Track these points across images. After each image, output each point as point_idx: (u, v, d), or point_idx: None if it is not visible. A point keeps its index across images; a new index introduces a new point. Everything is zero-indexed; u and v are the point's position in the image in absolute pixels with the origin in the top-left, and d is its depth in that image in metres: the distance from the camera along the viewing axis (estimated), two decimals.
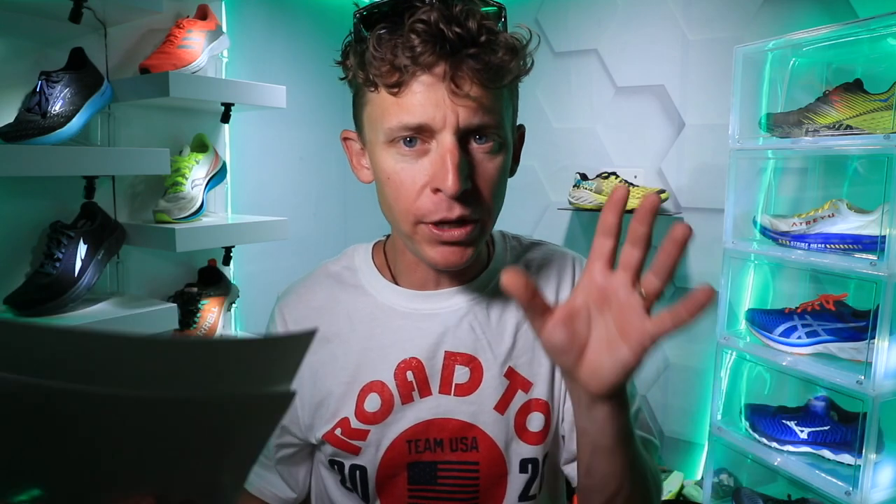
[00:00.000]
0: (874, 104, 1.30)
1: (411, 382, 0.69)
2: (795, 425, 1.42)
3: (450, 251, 0.62)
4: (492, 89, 0.58)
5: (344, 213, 2.23)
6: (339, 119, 2.13)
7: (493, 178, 0.62)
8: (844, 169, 1.50)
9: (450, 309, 0.71)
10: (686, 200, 1.82)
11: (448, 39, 0.55)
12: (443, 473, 0.69)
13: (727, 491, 1.61)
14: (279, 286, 0.86)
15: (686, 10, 1.77)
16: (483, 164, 0.61)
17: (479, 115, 0.58)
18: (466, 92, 0.57)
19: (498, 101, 0.60)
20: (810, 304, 1.43)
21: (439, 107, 0.57)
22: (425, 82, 0.57)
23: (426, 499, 0.69)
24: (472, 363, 0.69)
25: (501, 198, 0.65)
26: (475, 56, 0.56)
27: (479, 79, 0.57)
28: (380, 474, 0.70)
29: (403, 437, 0.69)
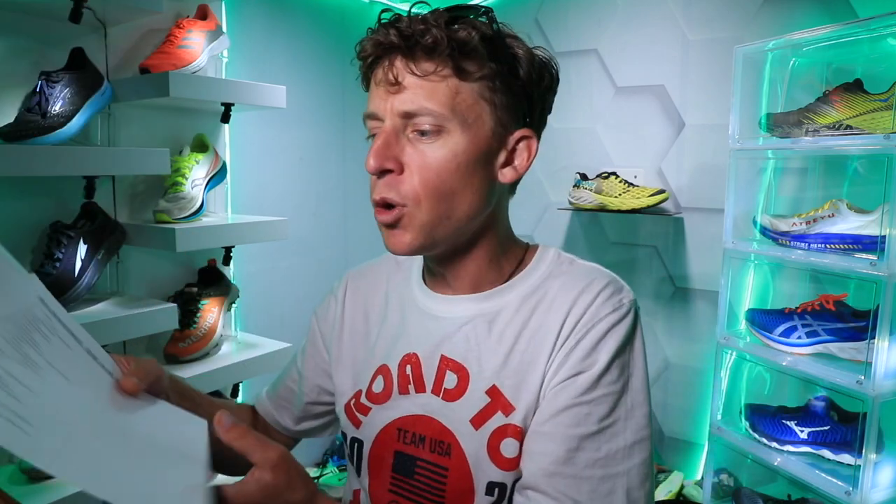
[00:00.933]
0: (874, 104, 1.30)
1: (408, 376, 0.72)
2: (795, 425, 1.42)
3: (388, 234, 0.67)
4: (422, 77, 0.62)
5: (344, 213, 2.23)
6: (339, 119, 2.13)
7: (425, 164, 0.63)
8: (844, 169, 1.50)
9: (453, 315, 0.72)
10: (686, 200, 1.82)
11: (387, 40, 0.62)
12: (419, 470, 0.70)
13: (727, 491, 1.61)
14: (279, 286, 0.86)
15: (686, 10, 1.77)
16: (415, 151, 0.63)
17: (410, 102, 0.62)
18: (400, 81, 0.62)
19: (438, 90, 0.62)
20: (810, 304, 1.43)
21: (382, 98, 0.64)
22: (376, 78, 0.65)
23: (403, 489, 0.71)
24: (461, 372, 0.69)
25: (443, 189, 0.64)
26: (406, 48, 0.62)
27: (409, 68, 0.62)
28: (372, 453, 0.73)
29: (395, 424, 0.72)
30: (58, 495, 1.10)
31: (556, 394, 0.64)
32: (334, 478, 2.07)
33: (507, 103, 0.65)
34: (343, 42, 2.18)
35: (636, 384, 0.66)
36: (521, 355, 0.67)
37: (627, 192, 1.75)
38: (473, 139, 0.64)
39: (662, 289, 1.90)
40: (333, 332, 0.83)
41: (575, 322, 0.66)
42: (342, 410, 0.78)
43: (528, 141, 0.69)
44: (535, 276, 0.72)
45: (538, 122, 0.72)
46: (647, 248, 1.92)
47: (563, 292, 0.69)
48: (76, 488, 1.10)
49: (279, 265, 1.95)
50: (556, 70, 0.71)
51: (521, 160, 0.69)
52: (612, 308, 0.66)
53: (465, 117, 0.63)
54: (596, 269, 0.72)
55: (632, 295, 0.69)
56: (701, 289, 1.82)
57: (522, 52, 0.66)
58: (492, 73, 0.63)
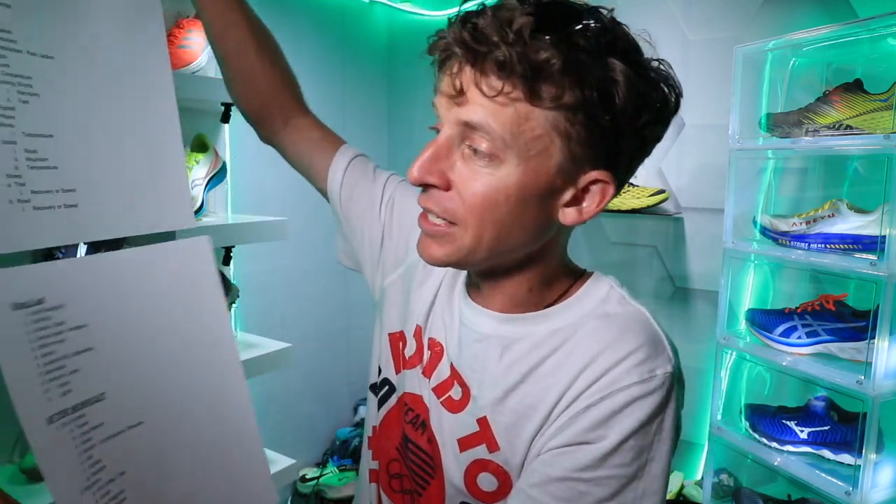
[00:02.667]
0: (874, 104, 1.30)
1: (425, 356, 0.70)
2: (795, 425, 1.42)
3: (423, 241, 0.61)
4: (487, 96, 0.53)
5: None
6: (339, 119, 2.13)
7: (473, 188, 0.56)
8: (844, 169, 1.50)
9: (472, 325, 0.66)
10: (686, 200, 1.82)
11: (456, 44, 0.54)
12: (412, 455, 0.69)
13: (727, 491, 1.61)
14: (279, 286, 0.86)
15: (686, 10, 1.77)
16: (466, 169, 0.56)
17: (473, 114, 0.54)
18: (464, 92, 0.55)
19: (503, 114, 0.53)
20: (810, 304, 1.43)
21: (445, 107, 0.57)
22: (442, 81, 0.57)
23: (401, 461, 0.71)
24: (464, 389, 0.65)
25: (488, 219, 0.56)
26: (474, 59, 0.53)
27: (475, 80, 0.54)
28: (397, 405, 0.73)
29: (406, 397, 0.71)
30: None
31: (554, 458, 0.56)
32: (334, 478, 2.07)
33: (585, 138, 0.54)
34: (343, 42, 2.18)
35: (655, 470, 0.55)
36: (523, 397, 0.60)
37: (627, 192, 1.75)
38: (530, 174, 0.55)
39: (662, 289, 1.90)
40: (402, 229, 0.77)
41: (589, 382, 0.56)
42: (386, 339, 0.76)
43: (604, 186, 0.57)
44: (573, 311, 0.62)
45: (626, 164, 0.59)
46: (647, 248, 1.92)
47: (588, 340, 0.59)
48: None
49: (279, 265, 1.95)
50: (672, 98, 0.57)
51: (591, 205, 0.58)
52: (638, 377, 0.55)
53: (527, 148, 0.54)
54: (637, 321, 0.60)
55: (670, 365, 0.56)
56: (701, 289, 1.82)
57: (623, 76, 0.53)
58: (573, 102, 0.52)
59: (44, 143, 0.54)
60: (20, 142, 0.52)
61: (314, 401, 2.24)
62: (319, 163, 0.82)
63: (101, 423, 0.52)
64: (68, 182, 0.55)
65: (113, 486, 0.52)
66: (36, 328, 0.48)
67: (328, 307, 2.25)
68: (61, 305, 0.50)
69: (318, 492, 2.05)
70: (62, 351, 0.50)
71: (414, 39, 2.36)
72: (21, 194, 0.52)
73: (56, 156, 0.55)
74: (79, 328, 0.51)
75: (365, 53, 2.34)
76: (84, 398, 0.51)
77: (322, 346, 2.24)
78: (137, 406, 0.54)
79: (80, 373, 0.50)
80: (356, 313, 2.38)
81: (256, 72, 0.79)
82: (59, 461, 0.48)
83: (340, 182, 0.80)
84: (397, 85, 2.44)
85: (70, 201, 0.55)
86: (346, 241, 0.84)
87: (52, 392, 0.49)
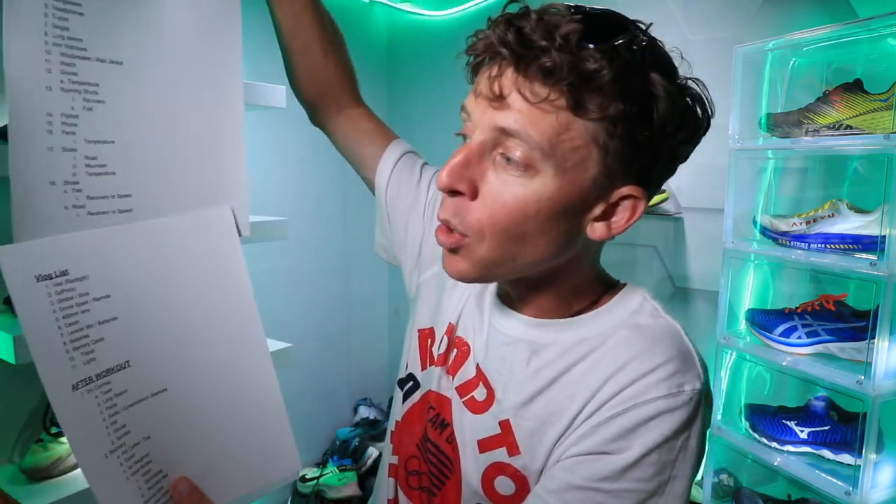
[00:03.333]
0: (874, 104, 1.30)
1: (452, 360, 0.70)
2: (795, 425, 1.42)
3: (445, 255, 0.59)
4: (530, 102, 0.51)
5: (344, 213, 2.23)
6: None
7: (501, 199, 0.53)
8: (844, 169, 1.50)
9: (500, 328, 0.65)
10: (686, 200, 1.82)
11: (501, 45, 0.52)
12: (430, 454, 0.69)
13: (727, 491, 1.61)
14: (279, 286, 0.86)
15: (686, 10, 1.77)
16: (496, 178, 0.54)
17: (512, 121, 0.52)
18: (505, 96, 0.52)
19: (544, 121, 0.51)
20: (810, 304, 1.43)
21: (481, 110, 0.54)
22: (479, 83, 0.55)
23: (420, 458, 0.71)
24: (489, 390, 0.64)
25: (513, 232, 0.54)
26: (519, 61, 0.51)
27: (517, 85, 0.51)
28: (419, 402, 0.72)
29: (430, 395, 0.71)
30: (58, 495, 1.09)
31: (574, 465, 0.55)
32: (334, 478, 2.07)
33: (622, 153, 0.53)
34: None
35: (677, 489, 0.54)
36: (548, 403, 0.59)
37: None
38: (566, 187, 0.53)
39: (662, 289, 1.90)
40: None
41: (614, 392, 0.55)
42: (416, 335, 0.76)
43: (635, 201, 0.56)
44: (604, 321, 0.61)
45: (656, 181, 0.58)
46: (647, 248, 1.92)
47: (617, 350, 0.57)
48: (76, 488, 1.10)
49: (279, 265, 1.95)
50: (705, 118, 0.57)
51: (620, 220, 0.57)
52: (665, 391, 0.53)
53: (564, 159, 0.52)
54: (669, 335, 0.58)
55: (699, 382, 0.55)
56: (701, 289, 1.82)
57: (664, 92, 0.53)
58: (616, 115, 0.51)
59: (104, 150, 0.55)
60: (80, 149, 0.53)
61: (314, 401, 2.24)
62: (367, 153, 0.82)
63: (125, 390, 0.53)
64: (125, 187, 0.56)
65: (138, 449, 0.53)
66: (60, 299, 0.49)
67: (328, 307, 2.25)
68: (85, 277, 0.51)
69: (318, 492, 2.05)
70: (86, 321, 0.51)
71: (414, 39, 2.36)
72: (77, 200, 0.53)
73: (115, 162, 0.56)
74: (103, 299, 0.52)
75: (365, 53, 2.34)
76: (108, 366, 0.52)
77: (322, 346, 2.24)
78: (161, 373, 0.56)
79: (104, 342, 0.52)
80: (356, 313, 2.38)
81: (320, 67, 0.79)
82: (84, 426, 0.50)
83: (388, 178, 0.80)
84: (397, 85, 2.44)
85: (125, 206, 0.56)
86: (385, 236, 0.84)
87: (77, 360, 0.50)
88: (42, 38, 0.51)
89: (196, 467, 0.58)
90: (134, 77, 0.57)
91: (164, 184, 0.60)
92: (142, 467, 0.54)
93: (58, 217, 0.51)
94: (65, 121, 0.52)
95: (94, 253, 0.52)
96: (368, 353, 2.47)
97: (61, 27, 0.52)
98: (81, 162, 0.53)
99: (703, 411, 0.56)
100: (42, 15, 0.51)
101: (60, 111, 0.52)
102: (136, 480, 0.53)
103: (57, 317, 0.49)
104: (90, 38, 0.54)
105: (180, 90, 0.61)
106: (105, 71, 0.55)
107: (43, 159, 0.51)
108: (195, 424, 0.58)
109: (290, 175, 2.01)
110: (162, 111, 0.59)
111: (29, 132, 0.50)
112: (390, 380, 2.45)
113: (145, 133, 0.58)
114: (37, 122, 0.51)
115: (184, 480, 0.56)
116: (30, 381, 1.23)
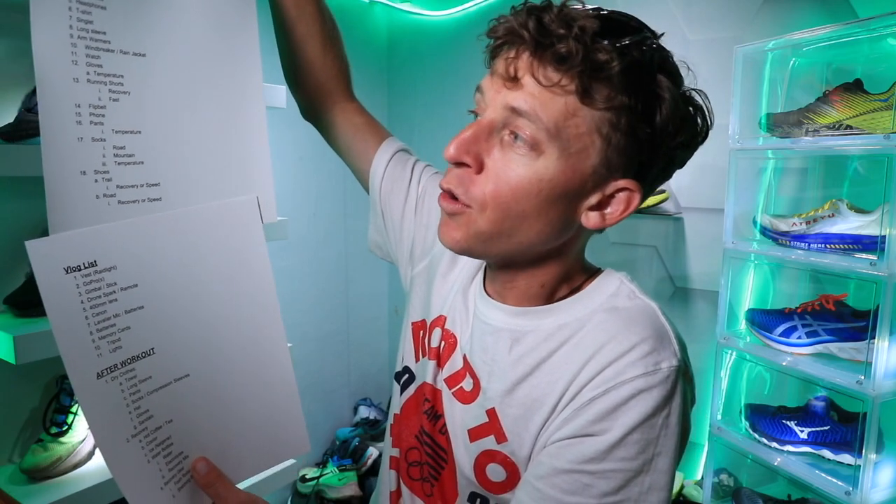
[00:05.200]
0: (874, 104, 1.30)
1: (442, 352, 0.71)
2: (795, 425, 1.42)
3: (444, 220, 0.61)
4: (543, 85, 0.53)
5: (344, 213, 2.23)
6: None
7: (505, 176, 0.56)
8: (844, 169, 1.50)
9: (484, 318, 0.67)
10: (686, 200, 1.82)
11: (521, 30, 0.54)
12: (426, 446, 0.70)
13: (727, 491, 1.61)
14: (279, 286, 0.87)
15: (686, 10, 1.77)
16: (502, 156, 0.56)
17: (523, 102, 0.54)
18: (519, 78, 0.55)
19: (553, 104, 0.54)
20: (810, 304, 1.43)
21: (496, 90, 0.57)
22: (497, 65, 0.57)
23: (420, 449, 0.72)
24: (475, 380, 0.66)
25: (513, 208, 0.56)
26: (536, 46, 0.54)
27: (532, 69, 0.54)
28: (415, 395, 0.74)
29: (424, 387, 0.72)
30: (58, 495, 1.09)
31: (559, 450, 0.57)
32: (334, 478, 2.07)
33: (623, 146, 0.55)
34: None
35: (661, 465, 0.55)
36: (531, 390, 0.61)
37: None
38: (567, 171, 0.55)
39: (662, 289, 1.90)
40: (431, 220, 0.78)
41: (593, 374, 0.56)
42: (409, 328, 0.78)
43: (630, 195, 0.58)
44: (582, 305, 0.63)
45: (652, 179, 0.60)
46: (647, 248, 1.92)
47: (595, 333, 0.59)
48: (76, 488, 1.10)
49: (279, 265, 1.95)
50: (704, 128, 0.59)
51: (615, 212, 0.59)
52: (643, 370, 0.55)
53: (568, 144, 0.54)
54: (646, 315, 0.60)
55: (676, 359, 0.56)
56: (701, 289, 1.82)
57: (669, 95, 0.55)
58: (621, 107, 0.54)
59: (132, 140, 0.56)
60: (109, 139, 0.54)
61: (314, 401, 2.24)
62: (360, 148, 0.83)
63: (150, 376, 0.54)
64: (153, 176, 0.58)
65: (160, 433, 0.55)
66: (88, 290, 0.51)
67: (328, 307, 2.25)
68: (113, 267, 0.52)
69: (318, 492, 2.05)
70: (114, 310, 0.52)
71: (414, 39, 2.36)
72: (107, 189, 0.54)
73: (143, 152, 0.57)
74: (130, 288, 0.53)
75: (365, 53, 2.34)
76: (134, 353, 0.54)
77: (322, 346, 2.24)
78: (185, 360, 0.57)
79: (131, 330, 0.53)
80: (356, 313, 2.38)
81: (318, 60, 0.80)
82: (106, 413, 0.51)
83: (382, 176, 0.81)
84: (397, 85, 2.44)
85: (154, 195, 0.58)
86: (379, 233, 0.85)
87: (103, 349, 0.51)
88: (67, 32, 0.52)
89: (214, 448, 0.60)
90: (157, 68, 0.58)
91: (191, 172, 0.61)
92: (163, 450, 0.55)
93: (89, 206, 0.53)
94: (92, 111, 0.53)
95: (122, 243, 0.53)
96: (368, 353, 2.47)
97: (85, 20, 0.54)
98: (110, 152, 0.55)
99: (683, 387, 0.57)
100: (66, 9, 0.53)
101: (88, 102, 0.53)
102: (157, 462, 0.54)
103: (84, 307, 0.50)
104: (113, 31, 0.55)
105: (202, 80, 0.62)
106: (129, 63, 0.56)
107: (73, 149, 0.52)
108: (215, 407, 0.60)
109: (290, 175, 2.01)
110: (185, 101, 0.61)
111: (59, 123, 0.51)
112: (390, 380, 2.45)
113: (170, 123, 0.59)
114: (66, 113, 0.52)
115: (202, 460, 0.58)
116: (30, 381, 1.23)
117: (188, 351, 0.57)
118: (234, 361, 0.61)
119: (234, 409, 0.61)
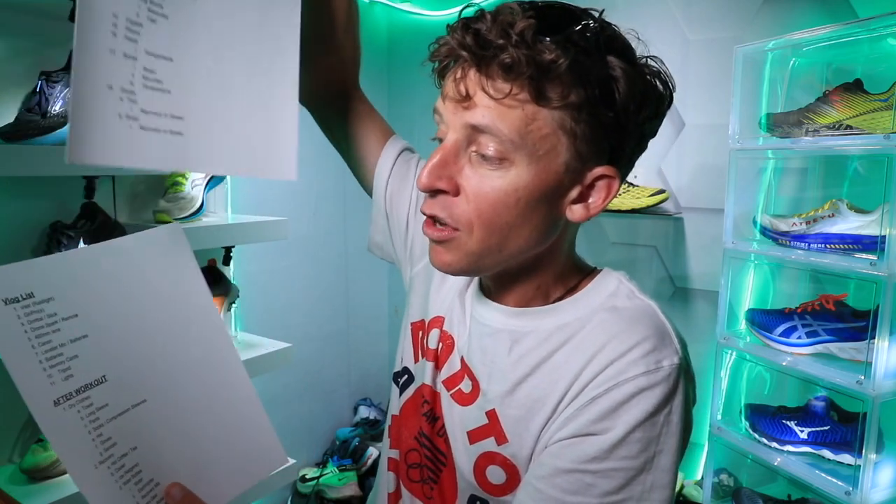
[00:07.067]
0: (874, 104, 1.30)
1: (439, 354, 0.71)
2: (795, 425, 1.42)
3: (433, 248, 0.61)
4: (495, 99, 0.53)
5: (344, 213, 2.23)
6: None
7: (482, 193, 0.56)
8: (844, 169, 1.50)
9: (482, 320, 0.67)
10: (686, 200, 1.82)
11: (461, 47, 0.54)
12: (425, 450, 0.70)
13: (727, 491, 1.61)
14: (279, 286, 0.86)
15: (686, 10, 1.77)
16: (474, 174, 0.57)
17: (481, 117, 0.54)
18: (471, 96, 0.55)
19: (510, 115, 0.53)
20: (810, 304, 1.43)
21: (451, 111, 0.57)
22: (447, 86, 0.58)
23: (419, 451, 0.71)
24: (474, 382, 0.66)
25: (498, 222, 0.57)
26: (480, 61, 0.54)
27: (481, 84, 0.54)
28: (414, 396, 0.73)
29: (423, 389, 0.71)
30: (58, 495, 1.10)
31: (561, 449, 0.56)
32: (334, 478, 2.07)
33: (590, 136, 0.55)
34: None
35: (664, 463, 0.55)
36: (531, 390, 0.60)
37: (627, 193, 1.75)
38: (541, 174, 0.56)
39: (662, 289, 1.90)
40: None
41: (595, 373, 0.56)
42: (409, 328, 0.77)
43: (609, 181, 0.59)
44: (582, 306, 0.62)
45: (627, 158, 0.61)
46: (647, 248, 1.92)
47: (595, 332, 0.59)
48: (76, 488, 1.10)
49: (279, 265, 1.95)
50: (667, 93, 0.59)
51: (597, 200, 0.59)
52: (644, 368, 0.55)
53: (535, 148, 0.54)
54: (646, 314, 0.60)
55: (677, 357, 0.56)
56: (701, 289, 1.82)
57: (623, 73, 0.55)
58: (578, 101, 0.53)
59: (162, 65, 0.55)
60: (140, 59, 0.53)
61: (314, 401, 2.24)
62: (368, 141, 0.82)
63: (106, 403, 0.54)
64: (178, 109, 0.56)
65: (126, 459, 0.55)
66: (30, 320, 0.51)
67: (328, 307, 2.25)
68: (51, 298, 0.52)
69: (318, 492, 2.05)
70: (59, 339, 0.52)
71: (414, 39, 2.36)
72: (131, 110, 0.52)
73: (171, 80, 0.55)
74: (71, 318, 0.53)
75: (365, 53, 2.34)
76: (86, 381, 0.53)
77: (322, 346, 2.24)
78: (138, 385, 0.57)
79: (79, 358, 0.53)
80: (356, 313, 2.38)
81: (340, 36, 0.79)
82: (70, 440, 0.51)
83: (389, 174, 0.80)
84: (397, 85, 2.44)
85: (176, 128, 0.56)
86: (381, 233, 0.84)
87: (55, 377, 0.51)
88: None
89: (186, 473, 0.59)
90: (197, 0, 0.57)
91: (216, 113, 0.59)
92: (133, 476, 0.55)
93: (112, 124, 0.51)
94: (129, 26, 0.52)
95: (56, 275, 0.54)
96: (368, 354, 2.47)
97: None
98: (140, 72, 0.53)
99: (684, 385, 0.57)
100: None
101: (126, 15, 0.51)
102: (130, 489, 0.54)
103: (29, 336, 0.50)
104: None
105: (241, 22, 0.60)
106: None
107: (104, 60, 0.50)
108: (178, 431, 0.59)
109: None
110: (221, 39, 0.59)
111: (94, 31, 0.50)
112: (390, 380, 2.45)
113: (202, 58, 0.58)
114: (103, 22, 0.50)
115: (176, 486, 0.57)
116: None
117: (140, 376, 0.57)
118: (189, 383, 0.61)
119: (198, 430, 0.61)
